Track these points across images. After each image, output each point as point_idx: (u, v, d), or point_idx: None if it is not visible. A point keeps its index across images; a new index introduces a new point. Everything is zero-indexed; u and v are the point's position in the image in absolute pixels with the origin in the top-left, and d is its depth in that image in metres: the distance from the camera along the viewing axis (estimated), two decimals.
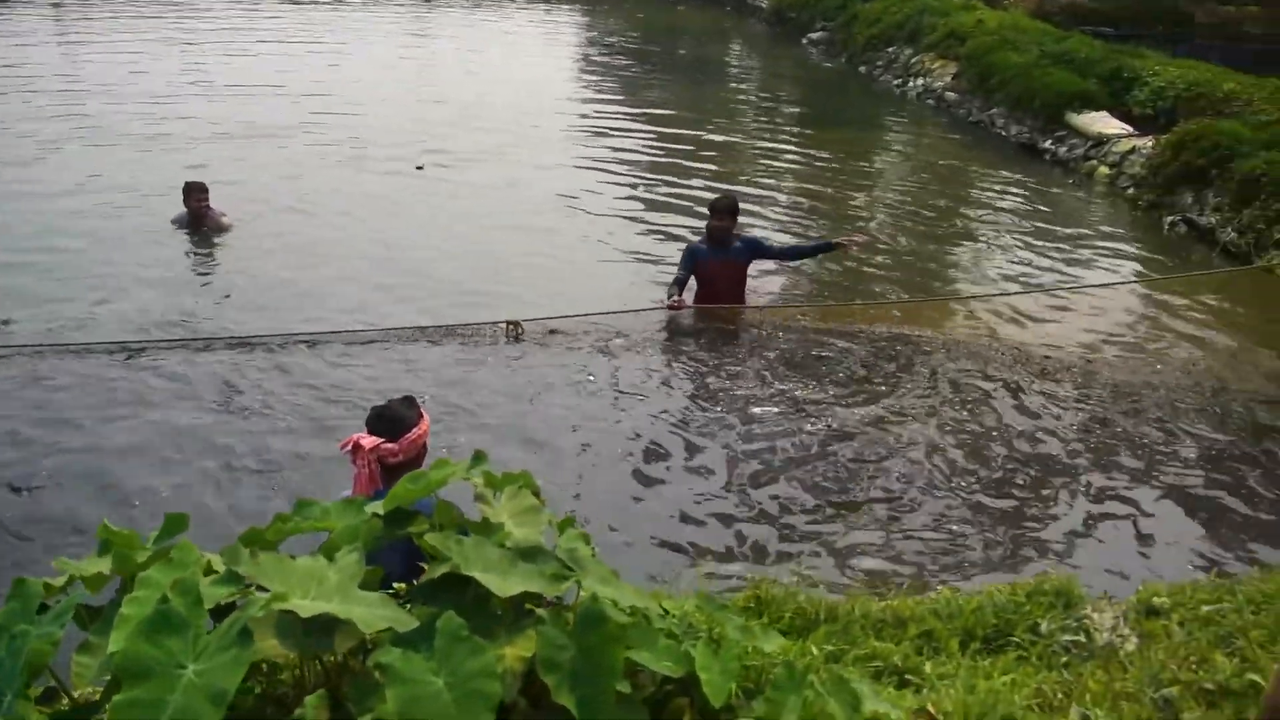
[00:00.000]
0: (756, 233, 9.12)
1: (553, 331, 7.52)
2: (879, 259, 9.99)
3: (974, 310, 8.68)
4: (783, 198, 11.97)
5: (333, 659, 2.11)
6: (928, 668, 2.84)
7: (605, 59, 21.67)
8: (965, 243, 11.06)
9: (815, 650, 2.91)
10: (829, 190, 12.50)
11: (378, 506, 2.30)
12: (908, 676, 2.87)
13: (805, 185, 12.82)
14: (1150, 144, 13.11)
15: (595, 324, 7.61)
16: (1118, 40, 20.93)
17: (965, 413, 6.61)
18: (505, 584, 2.14)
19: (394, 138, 13.18)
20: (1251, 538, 5.36)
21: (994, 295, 9.01)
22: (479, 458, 2.48)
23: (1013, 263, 10.29)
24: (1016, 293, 8.96)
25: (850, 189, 12.69)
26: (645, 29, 26.03)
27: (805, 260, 8.87)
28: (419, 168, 11.66)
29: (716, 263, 7.74)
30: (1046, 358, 7.54)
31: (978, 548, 5.10)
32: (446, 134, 13.62)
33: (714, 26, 27.62)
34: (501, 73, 18.83)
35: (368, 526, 2.24)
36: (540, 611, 2.10)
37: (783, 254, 8.04)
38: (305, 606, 1.86)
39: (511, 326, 7.43)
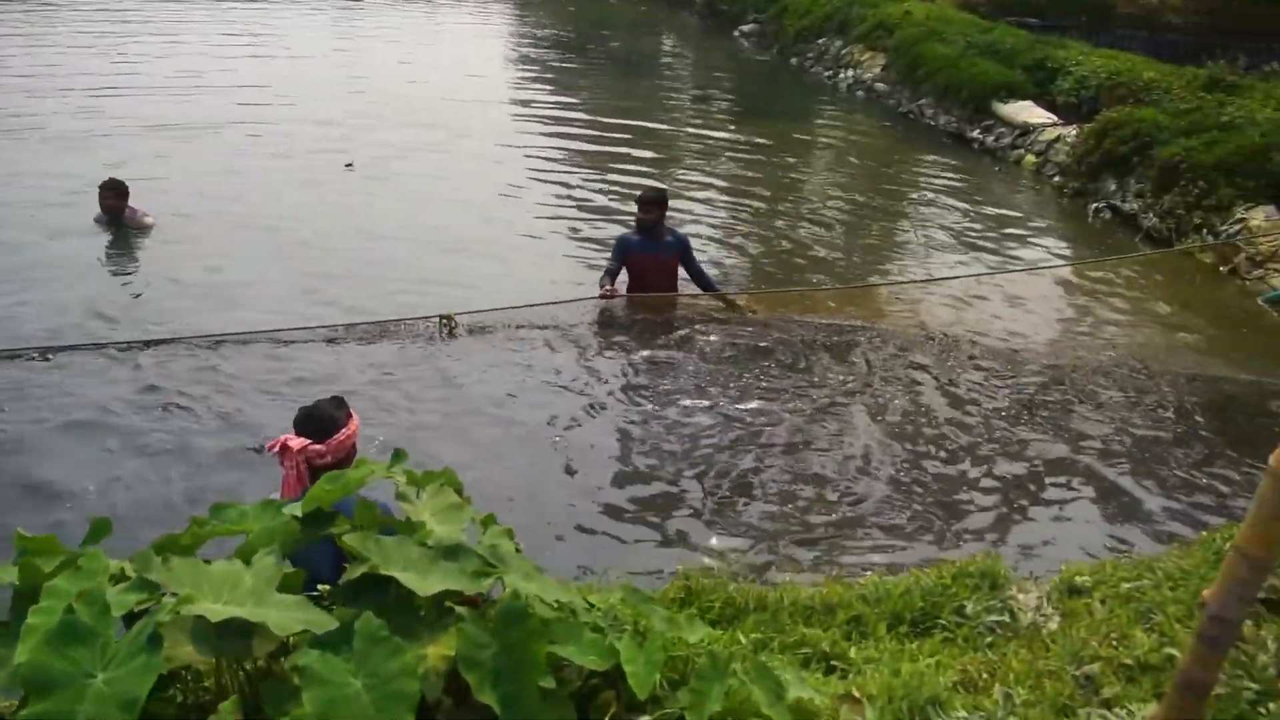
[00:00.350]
0: (696, 229, 9.18)
1: (484, 327, 7.46)
2: (814, 249, 10.09)
3: (905, 297, 8.80)
4: (719, 190, 12.00)
5: (254, 664, 2.08)
6: (853, 653, 2.87)
7: (538, 52, 21.61)
8: (897, 231, 11.20)
9: (743, 639, 2.93)
10: (763, 181, 12.57)
11: (297, 508, 2.27)
12: (835, 662, 2.90)
13: (741, 175, 12.89)
14: (1074, 132, 13.37)
15: (528, 316, 7.57)
16: (1042, 31, 21.28)
17: (896, 399, 6.68)
18: (426, 583, 2.12)
19: (323, 132, 12.99)
20: (1172, 515, 5.49)
21: (924, 281, 9.13)
22: (399, 456, 2.46)
23: (942, 250, 10.44)
24: (946, 279, 9.08)
25: (784, 180, 12.79)
26: (577, 22, 25.98)
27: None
28: (349, 165, 11.49)
29: (648, 255, 7.75)
30: (974, 343, 7.66)
31: (909, 532, 5.15)
32: (378, 128, 13.46)
33: (647, 19, 27.63)
34: (434, 67, 18.67)
35: (285, 529, 2.21)
36: (461, 610, 2.09)
37: (699, 274, 8.03)
38: (215, 611, 1.83)
39: (445, 321, 7.37)
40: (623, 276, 7.81)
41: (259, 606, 1.89)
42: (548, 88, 17.58)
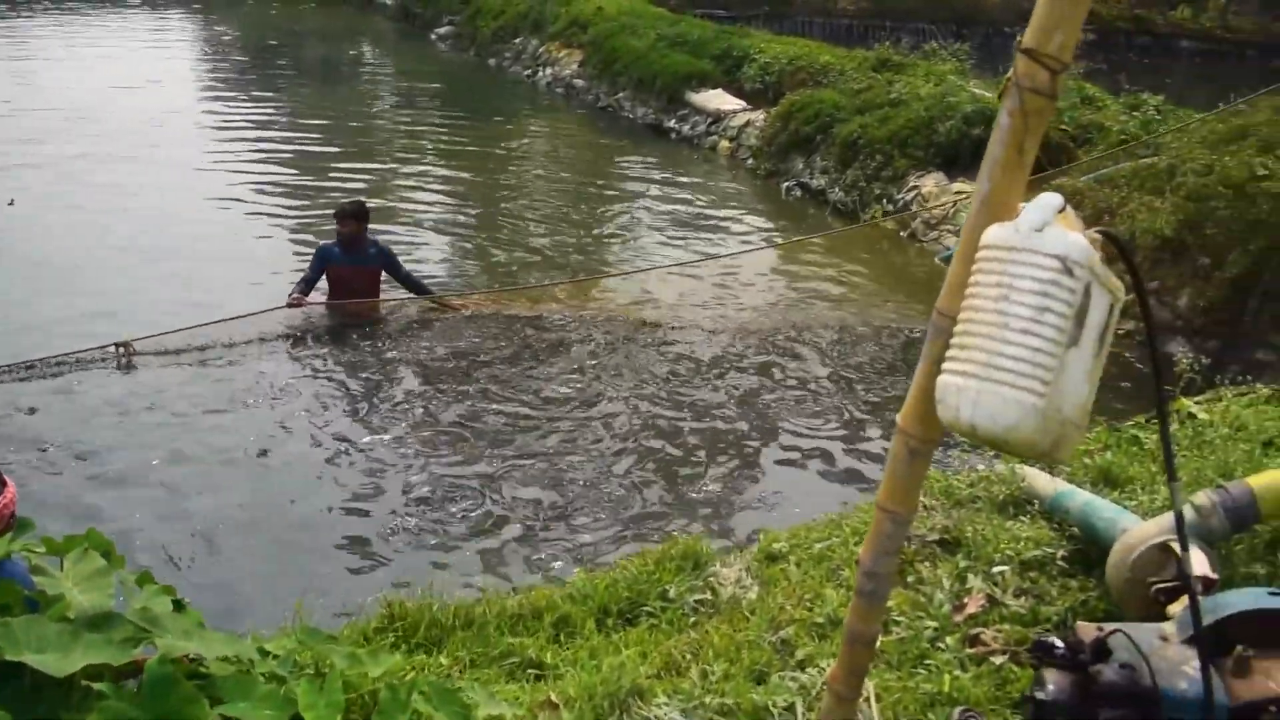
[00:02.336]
0: (411, 234, 8.96)
1: (169, 350, 6.95)
2: (534, 244, 10.11)
3: (620, 286, 8.93)
4: (428, 194, 11.77)
5: None
6: (549, 656, 2.83)
7: (230, 62, 20.42)
8: (606, 224, 11.34)
9: (445, 660, 2.84)
10: (474, 182, 12.47)
11: None
12: (541, 669, 2.85)
13: (452, 176, 12.70)
14: (762, 117, 14.00)
15: (217, 334, 7.09)
16: (729, 21, 22.18)
17: (613, 389, 6.75)
18: (65, 662, 1.90)
19: None
20: (878, 473, 5.81)
21: (635, 273, 9.29)
22: (24, 525, 2.21)
23: (653, 236, 10.68)
24: (656, 268, 9.27)
25: (495, 180, 12.68)
26: (269, 30, 24.85)
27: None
28: (10, 203, 10.36)
29: (348, 268, 7.55)
30: (674, 328, 7.85)
31: (630, 523, 5.18)
32: (52, 146, 12.32)
33: (340, 26, 26.78)
34: (118, 80, 17.17)
35: None
36: (101, 686, 1.89)
37: (407, 280, 7.88)
38: None
39: (121, 349, 6.80)
40: (325, 287, 7.57)
41: None
42: (242, 98, 16.56)
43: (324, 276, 7.63)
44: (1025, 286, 1.50)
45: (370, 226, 7.85)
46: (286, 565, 4.73)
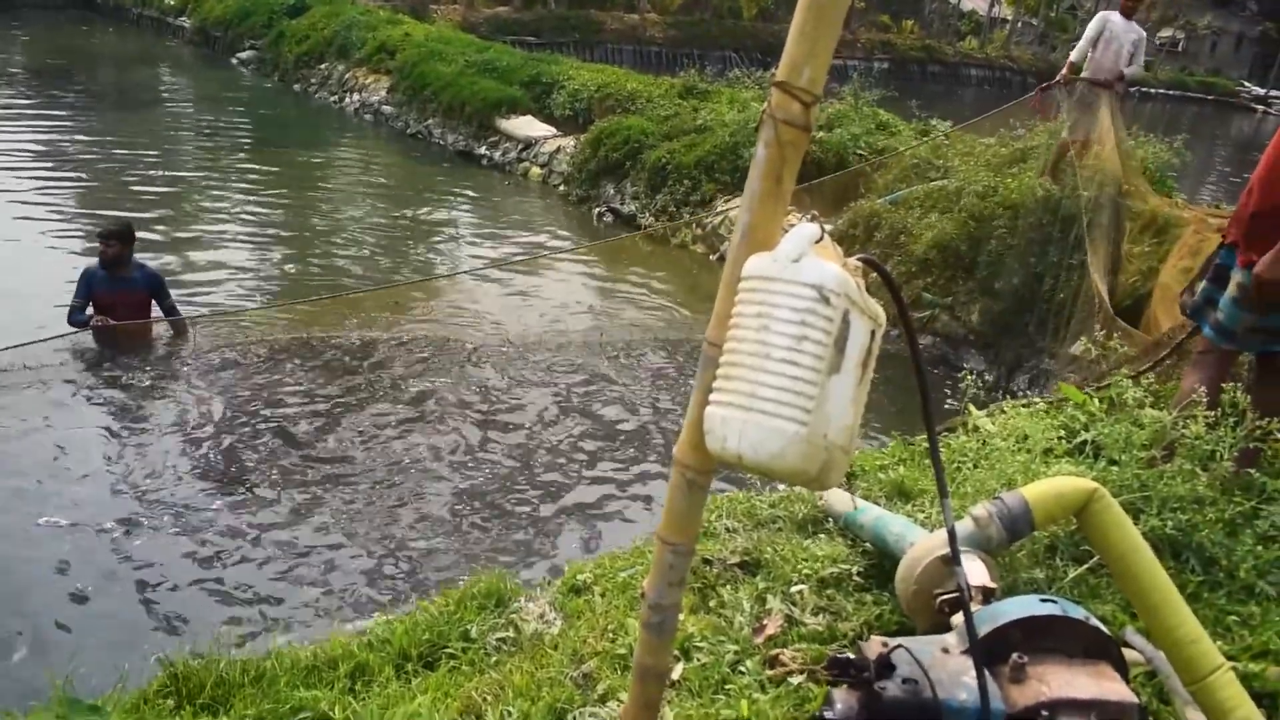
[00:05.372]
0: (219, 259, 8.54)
1: None
2: (350, 269, 9.83)
3: (434, 307, 8.81)
4: (231, 222, 11.27)
5: None
6: (338, 710, 2.70)
7: (11, 85, 19.04)
8: (416, 248, 11.13)
9: None
10: (284, 208, 12.04)
11: None
12: None
13: (260, 203, 12.21)
14: (573, 143, 14.08)
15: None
16: (539, 48, 22.26)
17: (418, 416, 6.59)
18: None
19: None
20: None
21: (440, 277, 9.21)
22: None
23: (461, 262, 10.55)
24: (468, 271, 9.18)
25: (299, 207, 12.28)
26: (56, 53, 23.43)
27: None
28: None
29: (112, 292, 7.18)
30: (491, 347, 7.78)
31: (435, 562, 5.02)
32: None
33: (134, 50, 25.59)
34: None
35: None
36: None
37: (171, 310, 7.54)
38: None
39: None
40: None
41: None
42: (26, 124, 15.53)
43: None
44: (783, 316, 1.51)
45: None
46: (53, 635, 4.35)
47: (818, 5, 1.54)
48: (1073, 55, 9.59)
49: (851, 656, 2.42)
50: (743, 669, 2.85)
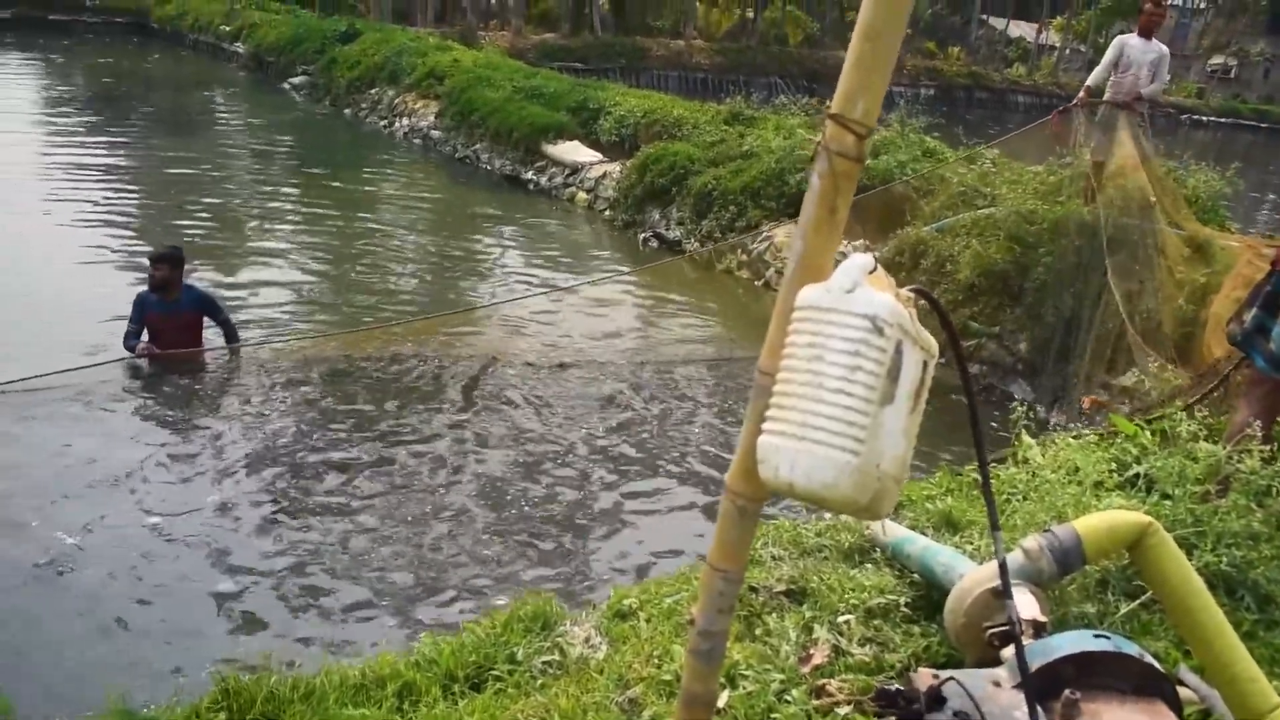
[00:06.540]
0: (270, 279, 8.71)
1: None
2: (398, 293, 9.94)
3: (481, 329, 8.91)
4: (290, 244, 11.46)
5: None
6: None
7: (75, 112, 19.43)
8: (464, 271, 11.24)
9: None
10: (334, 232, 12.23)
11: None
12: None
13: (310, 227, 12.40)
14: (619, 169, 14.17)
15: (53, 384, 6.73)
16: (586, 74, 22.46)
17: (470, 437, 6.64)
18: None
19: None
20: None
21: (479, 308, 9.29)
22: None
23: (506, 288, 10.62)
24: (498, 302, 9.25)
25: (350, 230, 12.45)
26: (115, 77, 24.00)
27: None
28: None
29: (161, 315, 7.36)
30: (528, 367, 7.82)
31: (480, 583, 5.05)
32: None
33: (190, 75, 26.16)
34: None
35: None
36: None
37: (226, 324, 7.70)
38: None
39: None
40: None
41: None
42: (89, 147, 15.87)
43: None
44: (837, 346, 1.51)
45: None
46: (109, 647, 4.41)
47: (873, 36, 1.55)
48: (1090, 79, 9.51)
49: (899, 688, 2.41)
50: (789, 698, 2.84)
